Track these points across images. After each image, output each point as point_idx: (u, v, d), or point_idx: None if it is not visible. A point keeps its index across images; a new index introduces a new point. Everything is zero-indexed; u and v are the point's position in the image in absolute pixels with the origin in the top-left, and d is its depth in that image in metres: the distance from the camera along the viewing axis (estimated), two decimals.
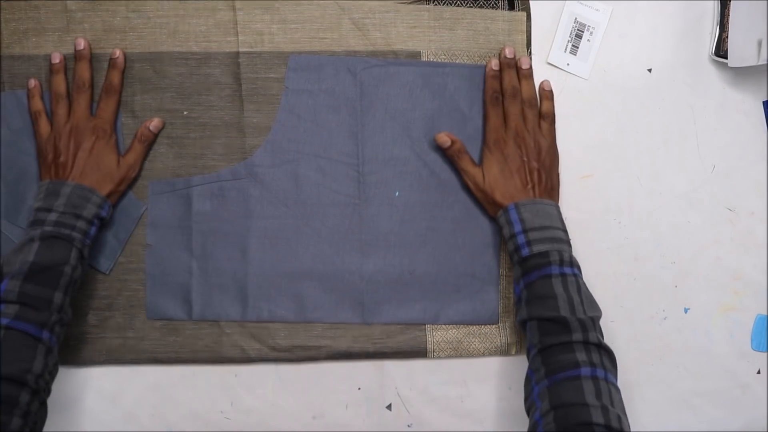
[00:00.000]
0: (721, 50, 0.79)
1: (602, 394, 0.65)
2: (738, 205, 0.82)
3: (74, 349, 0.78)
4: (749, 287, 0.82)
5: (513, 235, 0.73)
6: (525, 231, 0.73)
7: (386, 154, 0.79)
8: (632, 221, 0.81)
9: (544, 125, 0.78)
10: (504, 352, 0.80)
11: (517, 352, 0.80)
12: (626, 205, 0.81)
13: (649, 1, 0.81)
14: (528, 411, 0.69)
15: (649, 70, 0.81)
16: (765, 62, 0.76)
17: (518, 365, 0.81)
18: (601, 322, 0.81)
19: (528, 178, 0.76)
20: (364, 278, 0.79)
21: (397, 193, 0.79)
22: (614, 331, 0.81)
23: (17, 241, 0.77)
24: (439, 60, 0.79)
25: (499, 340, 0.80)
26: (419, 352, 0.79)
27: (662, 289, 0.82)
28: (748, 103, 0.81)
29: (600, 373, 0.66)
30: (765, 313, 0.82)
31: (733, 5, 0.78)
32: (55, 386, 0.79)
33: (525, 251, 0.72)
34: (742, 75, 0.81)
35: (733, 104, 0.81)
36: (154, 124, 0.78)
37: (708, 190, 0.82)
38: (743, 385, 0.82)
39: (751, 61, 0.77)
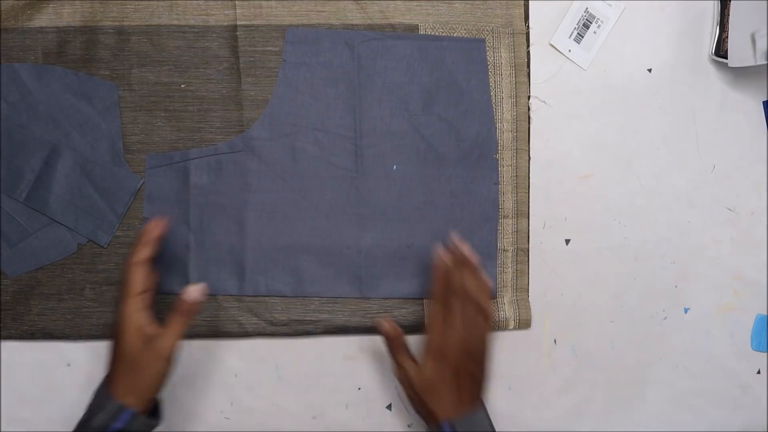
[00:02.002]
0: (721, 50, 0.79)
1: None
2: (738, 205, 0.82)
3: (71, 323, 0.79)
4: (749, 287, 0.82)
5: None
6: None
7: (384, 128, 0.79)
8: (632, 221, 0.81)
9: (484, 325, 0.72)
10: (502, 327, 0.80)
11: (515, 327, 0.80)
12: (626, 205, 0.81)
13: (649, 1, 0.81)
14: None
15: (649, 70, 0.81)
16: (765, 62, 0.76)
17: (518, 365, 0.81)
18: (602, 322, 0.81)
19: (462, 386, 0.70)
20: (361, 252, 0.79)
21: (394, 167, 0.79)
22: (614, 331, 0.81)
23: (15, 215, 0.78)
24: (437, 33, 0.79)
25: (497, 315, 0.80)
26: (417, 327, 0.79)
27: (662, 289, 0.82)
28: (748, 103, 0.81)
29: None
30: (765, 313, 0.82)
31: (733, 5, 0.78)
32: (55, 385, 0.79)
33: None
34: (742, 75, 0.81)
35: (733, 104, 0.81)
36: (193, 296, 0.70)
37: (708, 190, 0.82)
38: (743, 385, 0.82)
39: (751, 61, 0.77)
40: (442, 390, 0.71)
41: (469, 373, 0.71)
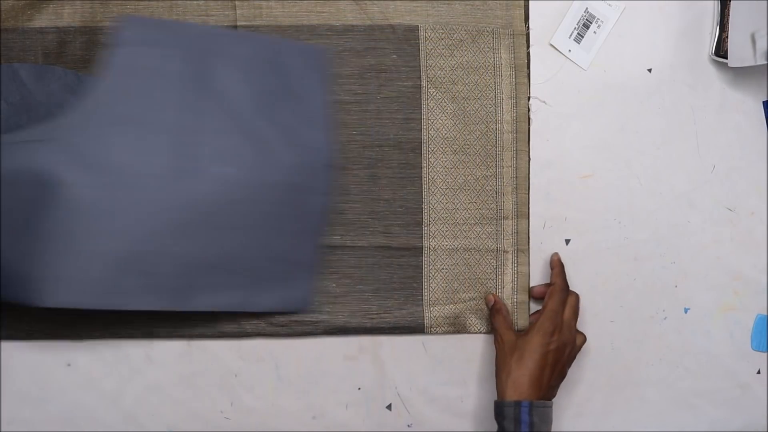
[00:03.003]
0: (721, 50, 0.79)
1: None
2: (738, 205, 0.82)
3: (71, 323, 0.79)
4: (749, 287, 0.82)
5: None
6: None
7: (213, 129, 0.73)
8: (632, 221, 0.81)
9: (573, 354, 0.77)
10: None
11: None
12: (626, 205, 0.81)
13: (649, 1, 0.81)
14: None
15: (649, 70, 0.81)
16: (765, 62, 0.76)
17: None
18: (602, 322, 0.81)
19: (551, 374, 0.74)
20: (178, 260, 0.72)
21: (221, 170, 0.72)
22: (614, 331, 0.81)
23: None
24: (438, 33, 0.79)
25: None
26: (416, 328, 0.79)
27: (662, 289, 0.82)
28: (748, 103, 0.81)
29: None
30: (765, 313, 0.82)
31: (733, 5, 0.78)
32: (55, 385, 0.79)
33: None
34: (742, 75, 0.81)
35: (733, 104, 0.81)
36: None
37: (708, 190, 0.82)
38: (743, 385, 0.82)
39: (751, 61, 0.77)
40: (532, 365, 0.73)
41: (561, 364, 0.75)
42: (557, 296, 0.76)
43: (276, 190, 0.74)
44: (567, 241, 0.81)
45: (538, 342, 0.73)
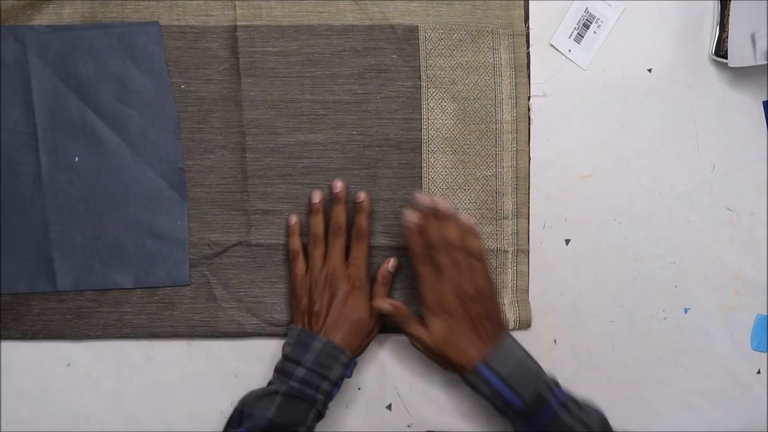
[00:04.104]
0: (721, 50, 0.79)
1: None
2: (738, 205, 0.82)
3: (71, 323, 0.79)
4: (749, 287, 0.82)
5: (495, 391, 0.70)
6: (505, 382, 0.70)
7: (62, 119, 0.78)
8: (632, 221, 0.81)
9: (477, 265, 0.73)
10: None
11: (515, 328, 0.80)
12: (626, 205, 0.81)
13: (649, 1, 0.81)
14: None
15: (649, 70, 0.81)
16: (765, 62, 0.76)
17: None
18: (602, 322, 0.82)
19: (479, 328, 0.72)
20: (52, 245, 0.78)
21: (76, 159, 0.78)
22: (614, 331, 0.81)
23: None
24: (439, 33, 0.79)
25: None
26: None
27: (662, 289, 0.82)
28: (748, 103, 0.81)
29: None
30: (765, 313, 0.82)
31: (733, 5, 0.78)
32: (55, 385, 0.79)
33: (517, 402, 0.70)
34: (742, 75, 0.81)
35: (733, 104, 0.81)
36: (391, 264, 0.78)
37: (708, 190, 0.82)
38: (743, 385, 0.82)
39: (751, 61, 0.77)
40: (457, 341, 0.72)
41: (480, 314, 0.72)
42: (416, 260, 0.73)
43: (136, 170, 0.79)
44: (567, 241, 0.81)
45: (438, 315, 0.73)
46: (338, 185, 0.77)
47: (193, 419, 0.80)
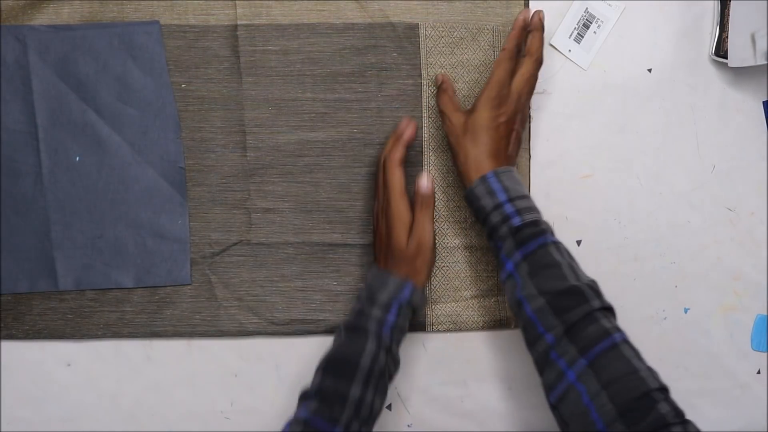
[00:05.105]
0: (721, 50, 0.80)
1: (639, 354, 0.64)
2: (738, 205, 0.82)
3: (71, 323, 0.79)
4: (749, 287, 0.82)
5: (498, 205, 0.70)
6: (511, 200, 0.70)
7: (63, 119, 0.78)
8: (632, 221, 0.82)
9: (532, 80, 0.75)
10: (504, 325, 0.80)
11: (515, 327, 0.80)
12: (626, 205, 0.82)
13: (649, 1, 0.81)
14: (559, 402, 0.65)
15: (649, 70, 0.81)
16: (765, 62, 0.76)
17: (518, 365, 0.81)
18: None
19: (507, 145, 0.73)
20: (53, 245, 0.79)
21: (77, 158, 0.79)
22: None
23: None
24: (438, 31, 0.79)
25: (498, 314, 0.80)
26: (418, 326, 0.80)
27: (662, 289, 0.82)
28: (748, 103, 0.82)
29: (624, 334, 0.66)
30: (765, 313, 0.82)
31: (733, 5, 0.78)
32: (55, 385, 0.79)
33: (517, 220, 0.70)
34: (742, 75, 0.81)
35: (733, 104, 0.81)
36: (427, 185, 0.75)
37: (708, 190, 0.82)
38: (743, 385, 0.82)
39: (751, 61, 0.77)
40: (488, 140, 0.72)
41: (516, 132, 0.74)
42: (503, 65, 0.73)
43: (136, 169, 0.79)
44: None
45: (487, 117, 0.72)
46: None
47: (193, 419, 0.80)
